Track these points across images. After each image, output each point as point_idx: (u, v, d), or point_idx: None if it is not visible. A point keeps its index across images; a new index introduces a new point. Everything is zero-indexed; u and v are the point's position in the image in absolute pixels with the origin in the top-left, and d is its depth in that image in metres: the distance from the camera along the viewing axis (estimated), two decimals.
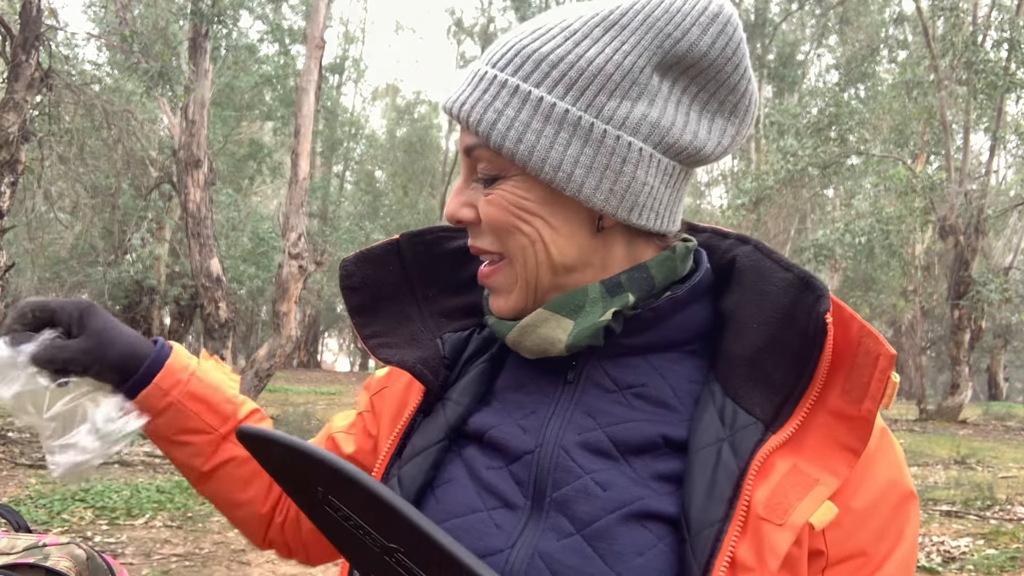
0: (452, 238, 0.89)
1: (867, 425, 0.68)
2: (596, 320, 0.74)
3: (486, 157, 0.75)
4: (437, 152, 31.45)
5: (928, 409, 17.13)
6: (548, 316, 0.76)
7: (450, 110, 0.77)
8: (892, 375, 0.67)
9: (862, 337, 0.69)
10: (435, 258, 0.89)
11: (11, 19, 8.50)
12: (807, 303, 0.70)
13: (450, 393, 0.83)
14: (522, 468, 0.74)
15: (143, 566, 4.50)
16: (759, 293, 0.75)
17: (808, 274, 0.73)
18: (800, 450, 0.68)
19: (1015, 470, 9.25)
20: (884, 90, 19.40)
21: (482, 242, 0.78)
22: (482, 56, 0.78)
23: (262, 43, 22.94)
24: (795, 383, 0.70)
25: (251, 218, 19.73)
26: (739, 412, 0.71)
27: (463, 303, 0.89)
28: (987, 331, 20.92)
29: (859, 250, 16.42)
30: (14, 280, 19.92)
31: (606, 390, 0.77)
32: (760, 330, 0.73)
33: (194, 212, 10.90)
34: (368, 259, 0.88)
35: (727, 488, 0.67)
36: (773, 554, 0.64)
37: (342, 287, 0.88)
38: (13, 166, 7.99)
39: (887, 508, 0.71)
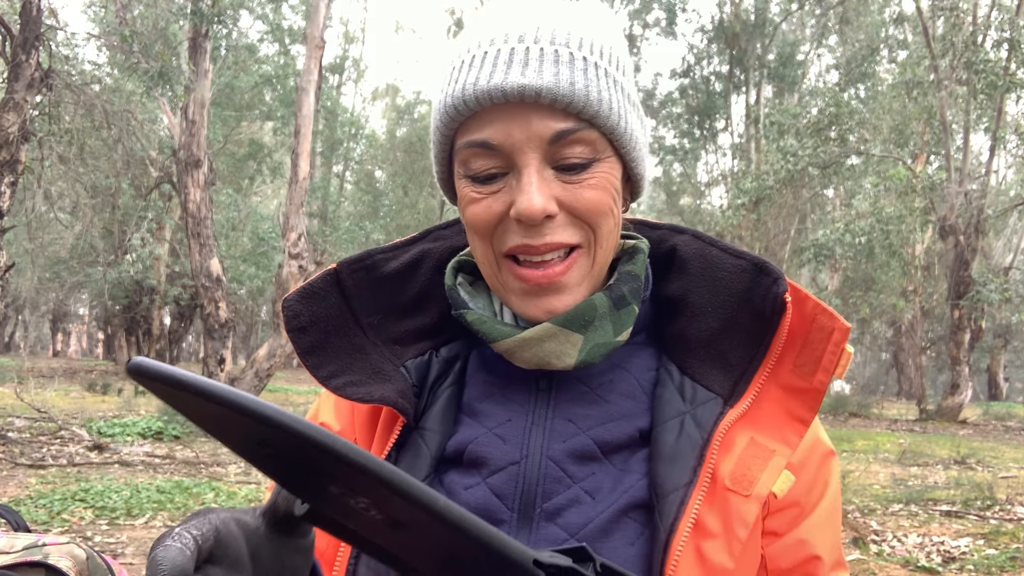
0: (390, 259, 0.84)
1: (818, 396, 0.73)
2: (611, 339, 0.75)
3: (587, 140, 0.72)
4: None
5: (928, 409, 17.13)
6: (556, 331, 0.74)
7: (535, 92, 0.69)
8: (846, 347, 0.73)
9: (816, 315, 0.74)
10: (374, 283, 0.83)
11: (11, 19, 8.50)
12: (764, 285, 0.75)
13: (425, 422, 0.79)
14: (506, 480, 0.74)
15: (143, 566, 4.50)
16: (711, 279, 0.78)
17: (763, 260, 0.77)
18: (756, 422, 0.73)
19: (1015, 470, 9.25)
20: (884, 90, 19.40)
21: (561, 235, 0.72)
22: (518, 30, 0.72)
23: (262, 43, 22.96)
24: (750, 360, 0.75)
25: (251, 218, 19.74)
26: (698, 388, 0.76)
27: (412, 327, 0.84)
28: (987, 331, 20.92)
29: (859, 250, 16.43)
30: (14, 280, 19.92)
31: (579, 393, 0.78)
32: (716, 313, 0.77)
33: (194, 212, 10.91)
34: (311, 295, 0.81)
35: (691, 456, 0.71)
36: (742, 524, 0.68)
37: (288, 329, 0.80)
38: (13, 166, 7.99)
39: (813, 464, 0.77)
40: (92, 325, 38.34)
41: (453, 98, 0.72)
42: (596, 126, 0.71)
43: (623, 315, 0.76)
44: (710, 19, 30.83)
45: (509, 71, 0.69)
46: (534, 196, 0.70)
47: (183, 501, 6.04)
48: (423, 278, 0.84)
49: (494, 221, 0.73)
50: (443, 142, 0.76)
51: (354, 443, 0.80)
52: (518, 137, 0.70)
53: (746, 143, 23.73)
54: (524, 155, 0.71)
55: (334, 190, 27.68)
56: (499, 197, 0.73)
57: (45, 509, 5.56)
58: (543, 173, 0.71)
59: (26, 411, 10.03)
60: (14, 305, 29.18)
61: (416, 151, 30.77)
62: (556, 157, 0.71)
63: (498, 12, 0.75)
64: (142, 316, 19.77)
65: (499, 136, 0.71)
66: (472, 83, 0.70)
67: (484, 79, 0.70)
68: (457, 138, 0.74)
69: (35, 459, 7.45)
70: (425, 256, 0.85)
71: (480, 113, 0.71)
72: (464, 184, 0.75)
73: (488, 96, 0.69)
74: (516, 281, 0.75)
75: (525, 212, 0.70)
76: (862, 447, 11.28)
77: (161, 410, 9.96)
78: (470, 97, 0.70)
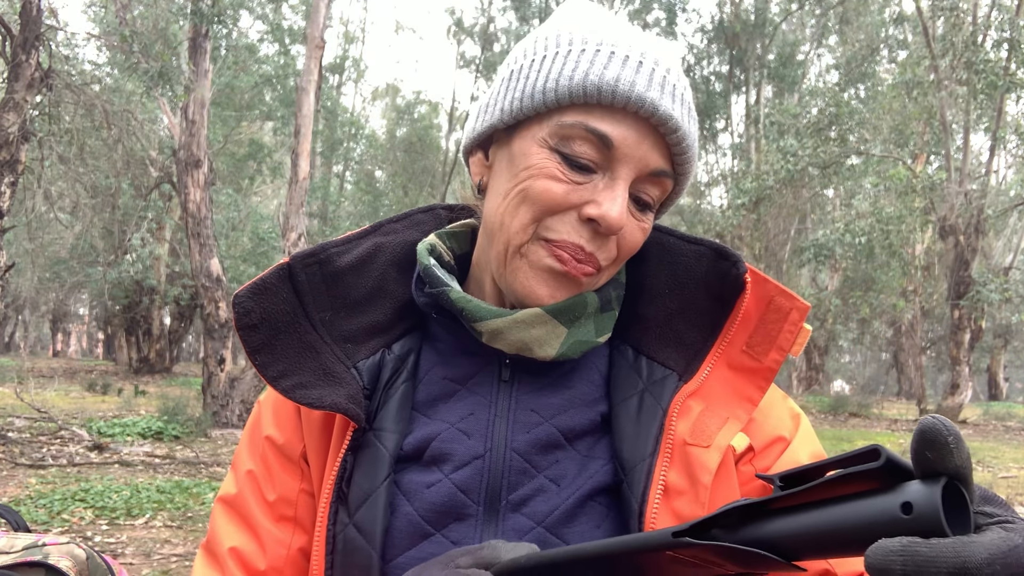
0: (343, 253, 0.82)
1: (769, 375, 0.76)
2: (592, 339, 0.78)
3: (666, 187, 0.76)
4: (437, 152, 31.42)
5: (928, 409, 17.12)
6: (547, 319, 0.75)
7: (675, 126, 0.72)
8: (804, 325, 0.76)
9: (773, 296, 0.76)
10: (327, 278, 0.81)
11: (11, 19, 8.49)
12: (722, 269, 0.78)
13: (380, 423, 0.77)
14: (471, 474, 0.74)
15: (143, 566, 4.50)
16: (669, 264, 0.81)
17: (721, 245, 0.79)
18: (708, 398, 0.76)
19: (1015, 470, 9.25)
20: (884, 90, 19.39)
21: (604, 254, 0.75)
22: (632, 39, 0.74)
23: (262, 43, 22.94)
24: (705, 341, 0.77)
25: (251, 218, 19.71)
26: (654, 366, 0.79)
27: (364, 324, 0.81)
28: (987, 331, 20.91)
29: (859, 250, 16.42)
30: (14, 280, 19.92)
31: (540, 384, 0.79)
32: (673, 295, 0.80)
33: (194, 212, 10.90)
34: (263, 290, 0.78)
35: (652, 427, 0.74)
36: (705, 471, 0.71)
37: (238, 327, 0.78)
38: (13, 166, 7.99)
39: (784, 412, 0.82)
40: (92, 325, 38.34)
41: (600, 80, 0.70)
42: (678, 180, 0.76)
43: (605, 318, 0.79)
44: (710, 19, 30.83)
45: (650, 85, 0.71)
46: (622, 210, 0.72)
47: (183, 501, 6.04)
48: (376, 272, 0.83)
49: (564, 207, 0.73)
50: (548, 106, 0.73)
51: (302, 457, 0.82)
52: (633, 152, 0.72)
53: (746, 143, 23.72)
54: (627, 169, 0.72)
55: (334, 190, 27.67)
56: (580, 190, 0.72)
57: (45, 509, 5.56)
58: (626, 193, 0.73)
59: (26, 411, 10.03)
60: (14, 305, 29.17)
61: (416, 151, 30.75)
62: (639, 187, 0.74)
63: (595, 15, 0.76)
64: (142, 316, 19.76)
65: (619, 139, 0.71)
66: (613, 78, 0.70)
67: (642, 86, 0.70)
68: (570, 113, 0.72)
69: (35, 459, 7.44)
70: (378, 250, 0.84)
71: (612, 107, 0.71)
72: (548, 156, 0.73)
73: (639, 104, 0.70)
74: (549, 259, 0.74)
75: (608, 219, 0.71)
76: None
77: (161, 410, 9.96)
78: (621, 94, 0.70)
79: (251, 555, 0.78)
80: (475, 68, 29.43)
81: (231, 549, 0.78)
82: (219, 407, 10.38)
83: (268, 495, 0.80)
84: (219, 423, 10.25)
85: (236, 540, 0.79)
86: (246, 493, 0.81)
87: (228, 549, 0.78)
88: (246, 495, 0.81)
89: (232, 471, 0.84)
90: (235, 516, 0.81)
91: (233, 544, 0.79)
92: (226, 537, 0.79)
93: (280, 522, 0.79)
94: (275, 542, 0.79)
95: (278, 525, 0.79)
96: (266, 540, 0.79)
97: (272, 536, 0.79)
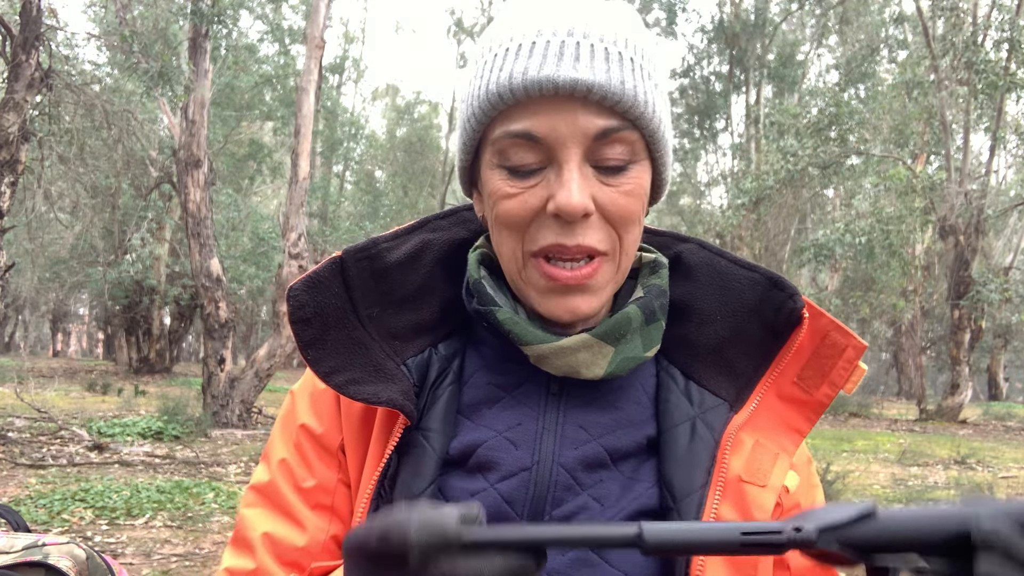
0: (392, 249, 0.81)
1: (819, 409, 0.75)
2: (640, 354, 0.76)
3: (628, 140, 0.71)
4: (437, 152, 31.44)
5: (928, 409, 17.12)
6: (592, 343, 0.74)
7: (586, 87, 0.67)
8: (859, 364, 0.75)
9: (829, 331, 0.76)
10: (376, 273, 0.80)
11: (11, 19, 8.50)
12: (777, 300, 0.77)
13: (427, 423, 0.76)
14: (517, 485, 0.73)
15: (143, 566, 4.50)
16: (720, 289, 0.80)
17: (776, 275, 0.78)
18: (758, 428, 0.75)
19: (1015, 470, 9.25)
20: (884, 90, 19.39)
21: (591, 238, 0.71)
22: (564, 23, 0.70)
23: (262, 43, 22.96)
24: (755, 370, 0.77)
25: (251, 218, 19.72)
26: (705, 394, 0.78)
27: (411, 322, 0.80)
28: (987, 331, 20.91)
29: (859, 250, 16.42)
30: (14, 280, 19.92)
31: (590, 399, 0.77)
32: (725, 322, 0.79)
33: (194, 212, 10.90)
34: (317, 284, 0.78)
35: (705, 458, 0.73)
36: (761, 511, 0.71)
37: (293, 320, 0.77)
38: (13, 166, 7.99)
39: (804, 468, 0.81)
40: (92, 325, 38.33)
41: (498, 85, 0.69)
42: (638, 127, 0.71)
43: (652, 330, 0.77)
44: (710, 19, 30.82)
45: (560, 63, 0.68)
46: (575, 192, 0.68)
47: (183, 501, 6.04)
48: (423, 270, 0.82)
49: (529, 217, 0.71)
50: (477, 129, 0.73)
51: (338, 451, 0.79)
52: (563, 131, 0.69)
53: (746, 143, 23.72)
54: (567, 150, 0.69)
55: (334, 190, 27.68)
56: (535, 192, 0.71)
57: (45, 509, 5.56)
58: (583, 170, 0.70)
59: (26, 411, 10.03)
60: (14, 305, 29.17)
61: (416, 151, 30.76)
62: (597, 156, 0.70)
63: (537, 4, 0.73)
64: (142, 316, 19.76)
65: (543, 128, 0.69)
66: (521, 72, 0.68)
67: (534, 69, 0.68)
68: (494, 127, 0.72)
69: (35, 459, 7.44)
70: (426, 247, 0.83)
71: (524, 103, 0.69)
72: (497, 176, 0.72)
73: (538, 87, 0.68)
74: (544, 279, 0.73)
75: (565, 207, 0.68)
76: (862, 447, 11.27)
77: (161, 410, 9.96)
78: (517, 86, 0.68)
79: (286, 538, 0.76)
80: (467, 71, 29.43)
81: (264, 534, 0.76)
82: (219, 407, 10.38)
83: (304, 482, 0.78)
84: (219, 423, 10.25)
85: (268, 525, 0.77)
86: (280, 481, 0.79)
87: (261, 534, 0.76)
88: (280, 483, 0.79)
89: (264, 462, 0.82)
90: (268, 503, 0.79)
91: (266, 529, 0.77)
92: (258, 523, 0.78)
93: (316, 509, 0.78)
94: (313, 527, 0.77)
95: (315, 512, 0.78)
96: (303, 524, 0.77)
97: (310, 521, 0.77)
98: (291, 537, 0.76)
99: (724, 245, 19.39)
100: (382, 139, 33.24)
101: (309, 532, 0.77)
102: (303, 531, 0.77)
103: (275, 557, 0.76)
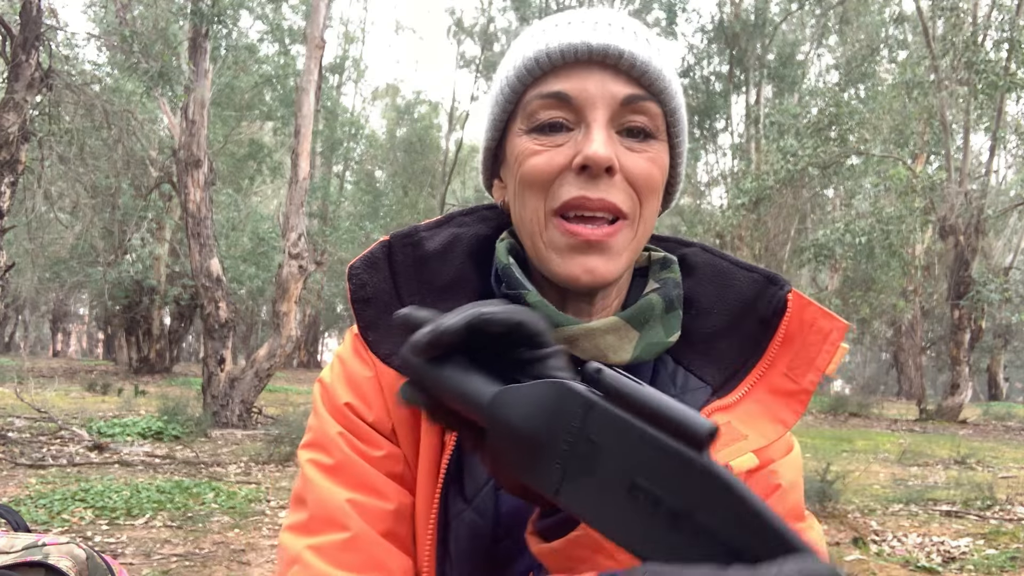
0: (429, 239, 0.82)
1: (805, 397, 0.77)
2: (663, 339, 0.79)
3: (652, 112, 0.75)
4: (437, 152, 31.43)
5: (928, 409, 17.12)
6: (620, 325, 0.76)
7: (618, 52, 0.73)
8: (841, 344, 0.77)
9: (816, 319, 0.78)
10: (417, 261, 0.81)
11: (11, 19, 8.50)
12: (769, 293, 0.80)
13: None
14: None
15: (143, 566, 4.50)
16: (721, 285, 0.83)
17: (773, 273, 0.81)
18: (737, 415, 0.77)
19: (1015, 470, 9.25)
20: (884, 90, 19.39)
21: (616, 196, 0.73)
22: (598, 14, 0.77)
23: (262, 43, 22.95)
24: (745, 362, 0.79)
25: (251, 218, 19.73)
26: (690, 377, 0.80)
27: (447, 310, 0.80)
28: (987, 331, 20.91)
29: (859, 250, 16.42)
30: (14, 280, 19.91)
31: None
32: (722, 314, 0.82)
33: (194, 212, 10.90)
34: (373, 265, 0.79)
35: None
36: None
37: (353, 300, 0.78)
38: (13, 166, 7.99)
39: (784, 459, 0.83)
40: (92, 325, 38.34)
41: (536, 51, 0.75)
42: (661, 102, 0.76)
43: (671, 318, 0.80)
44: (710, 19, 30.82)
45: (595, 32, 0.73)
46: (601, 145, 0.72)
47: (183, 501, 6.04)
48: (457, 261, 0.83)
49: (554, 173, 0.74)
50: (510, 99, 0.77)
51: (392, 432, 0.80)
52: (593, 92, 0.73)
53: (746, 143, 23.71)
54: (595, 110, 0.73)
55: (334, 190, 27.67)
56: (562, 150, 0.74)
57: (45, 509, 5.56)
58: (610, 131, 0.74)
59: (26, 411, 10.03)
60: (14, 305, 29.17)
61: (416, 151, 30.76)
62: (622, 121, 0.75)
63: (566, 12, 0.80)
64: (142, 316, 19.75)
65: (575, 89, 0.74)
66: (556, 40, 0.74)
67: (569, 36, 0.74)
68: (527, 93, 0.76)
69: (35, 459, 7.45)
70: (456, 240, 0.84)
71: (559, 68, 0.74)
72: (525, 139, 0.76)
73: (573, 50, 0.73)
74: (563, 236, 0.75)
75: (592, 156, 0.71)
76: (862, 447, 11.27)
77: (161, 410, 9.96)
78: (554, 51, 0.74)
79: (374, 505, 0.74)
80: (475, 68, 29.43)
81: (349, 500, 0.73)
82: (219, 407, 10.38)
83: (372, 452, 0.76)
84: (219, 423, 10.24)
85: (349, 494, 0.74)
86: (344, 452, 0.76)
87: (346, 501, 0.73)
88: (346, 454, 0.76)
89: (315, 449, 0.78)
90: (338, 475, 0.75)
91: (349, 497, 0.74)
92: (337, 493, 0.74)
93: (391, 477, 0.76)
94: (395, 492, 0.75)
95: (390, 479, 0.76)
96: (384, 492, 0.75)
97: (390, 487, 0.76)
98: (378, 504, 0.74)
99: (724, 245, 19.40)
100: (382, 139, 33.25)
101: (393, 499, 0.75)
102: (387, 499, 0.74)
103: (367, 519, 0.73)
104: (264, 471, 7.67)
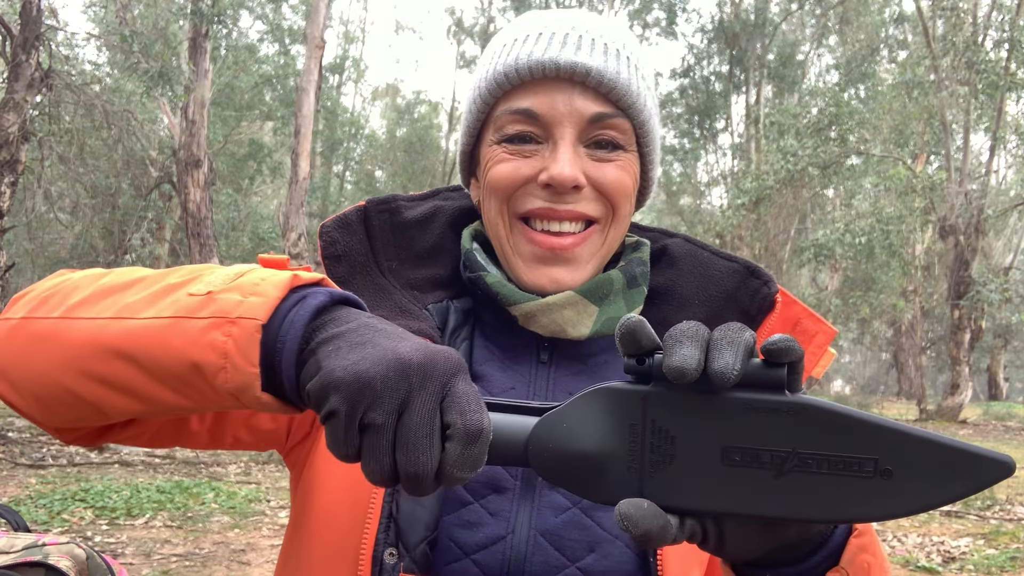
0: (408, 208, 0.86)
1: None
2: (624, 314, 0.79)
3: (621, 128, 0.77)
4: (437, 152, 31.43)
5: (928, 409, 17.12)
6: (576, 299, 0.78)
7: (585, 70, 0.74)
8: (828, 349, 0.78)
9: (801, 318, 0.79)
10: (396, 227, 0.85)
11: (11, 19, 8.50)
12: (753, 287, 0.81)
13: None
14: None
15: (143, 566, 4.50)
16: (701, 276, 0.84)
17: (754, 264, 0.83)
18: None
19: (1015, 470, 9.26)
20: (884, 90, 19.38)
21: (586, 207, 0.76)
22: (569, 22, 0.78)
23: (262, 43, 22.96)
24: None
25: (251, 218, 19.72)
26: None
27: (427, 276, 0.85)
28: (987, 331, 20.91)
29: (859, 250, 16.41)
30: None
31: (577, 369, 0.81)
32: (702, 306, 0.83)
33: (194, 212, 10.90)
34: (346, 225, 0.83)
35: None
36: None
37: (324, 256, 0.82)
38: (13, 166, 7.99)
39: None
40: None
41: (505, 66, 0.77)
42: (630, 117, 0.77)
43: (634, 294, 0.81)
44: (710, 19, 30.80)
45: (563, 49, 0.75)
46: (567, 165, 0.74)
47: (183, 501, 6.04)
48: (437, 231, 0.86)
49: (518, 182, 0.77)
50: (482, 110, 0.80)
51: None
52: (561, 110, 0.75)
53: (746, 143, 23.70)
54: (562, 127, 0.75)
55: (334, 190, 27.67)
56: (529, 162, 0.76)
57: (45, 509, 5.56)
58: (577, 149, 0.76)
59: None
60: None
61: (416, 151, 30.76)
62: (591, 136, 0.76)
63: (545, 12, 0.81)
64: None
65: (543, 106, 0.75)
66: (526, 55, 0.75)
67: (539, 53, 0.75)
68: (498, 106, 0.78)
69: (35, 459, 7.44)
70: (438, 211, 0.88)
71: (528, 84, 0.76)
72: (495, 147, 0.78)
73: (541, 67, 0.74)
74: (528, 245, 0.78)
75: (557, 178, 0.74)
76: None
77: None
78: (523, 67, 0.75)
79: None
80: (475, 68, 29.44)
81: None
82: None
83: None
84: None
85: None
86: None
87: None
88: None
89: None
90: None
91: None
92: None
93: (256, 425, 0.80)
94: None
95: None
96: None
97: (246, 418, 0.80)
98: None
99: (724, 245, 19.39)
100: (382, 139, 33.23)
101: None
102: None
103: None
104: (264, 471, 7.67)
